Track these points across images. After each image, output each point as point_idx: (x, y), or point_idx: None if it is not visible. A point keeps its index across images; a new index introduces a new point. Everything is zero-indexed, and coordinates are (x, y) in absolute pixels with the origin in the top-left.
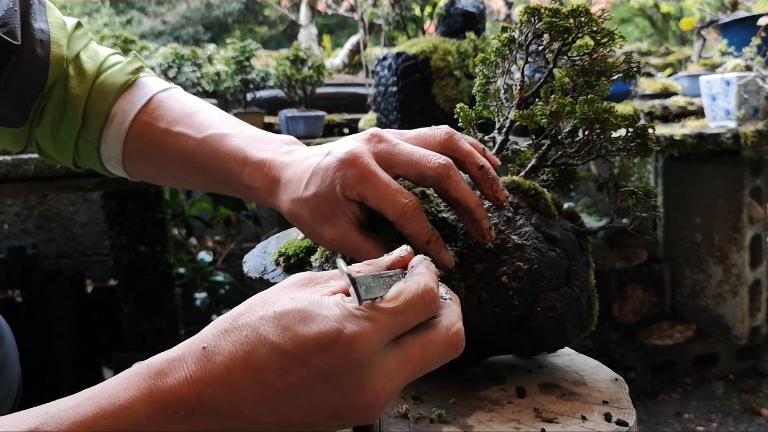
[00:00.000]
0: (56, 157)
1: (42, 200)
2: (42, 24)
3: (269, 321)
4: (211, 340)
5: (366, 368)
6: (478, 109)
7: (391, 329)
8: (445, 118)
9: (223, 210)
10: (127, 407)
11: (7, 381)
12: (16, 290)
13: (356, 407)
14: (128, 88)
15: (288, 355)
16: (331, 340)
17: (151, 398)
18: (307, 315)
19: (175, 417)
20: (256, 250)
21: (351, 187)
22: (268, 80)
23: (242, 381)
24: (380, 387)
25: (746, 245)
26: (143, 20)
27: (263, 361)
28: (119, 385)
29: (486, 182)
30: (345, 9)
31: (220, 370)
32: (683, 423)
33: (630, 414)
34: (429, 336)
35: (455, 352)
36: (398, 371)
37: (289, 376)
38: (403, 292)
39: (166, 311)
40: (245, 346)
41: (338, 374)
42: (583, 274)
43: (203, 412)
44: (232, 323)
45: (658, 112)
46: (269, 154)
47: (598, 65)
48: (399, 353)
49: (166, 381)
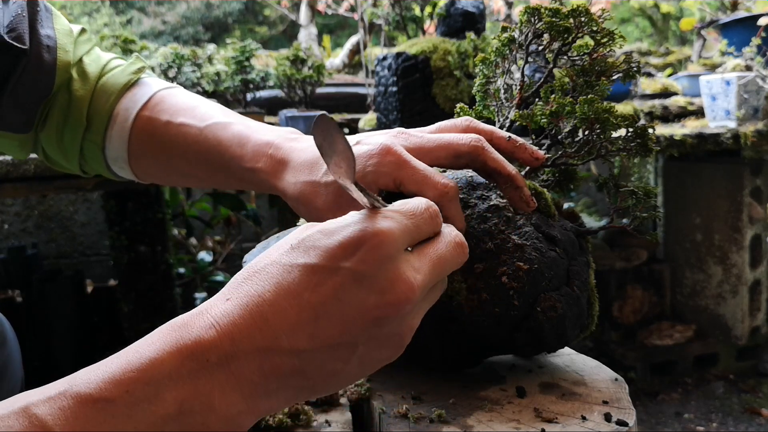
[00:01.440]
0: (63, 163)
1: (42, 200)
2: (49, 30)
3: (289, 251)
4: (233, 290)
5: (395, 262)
6: (478, 109)
7: (407, 230)
8: (445, 118)
9: (223, 210)
10: (155, 359)
11: (10, 382)
12: (16, 290)
13: (393, 304)
14: (130, 87)
15: (318, 270)
16: (358, 241)
17: (179, 349)
18: (327, 231)
19: (208, 365)
20: (255, 249)
21: (388, 174)
22: (268, 80)
23: (275, 311)
24: (412, 278)
25: (746, 245)
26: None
27: (294, 284)
28: (145, 342)
29: (519, 149)
30: (345, 9)
31: (250, 309)
32: (683, 423)
33: (630, 414)
34: (439, 239)
35: (463, 253)
36: (421, 268)
37: (322, 290)
38: (410, 202)
39: (166, 311)
40: (272, 279)
41: (370, 273)
42: (583, 274)
43: (238, 355)
44: (252, 270)
45: (658, 112)
46: (273, 137)
47: (598, 65)
48: (418, 253)
49: (191, 331)
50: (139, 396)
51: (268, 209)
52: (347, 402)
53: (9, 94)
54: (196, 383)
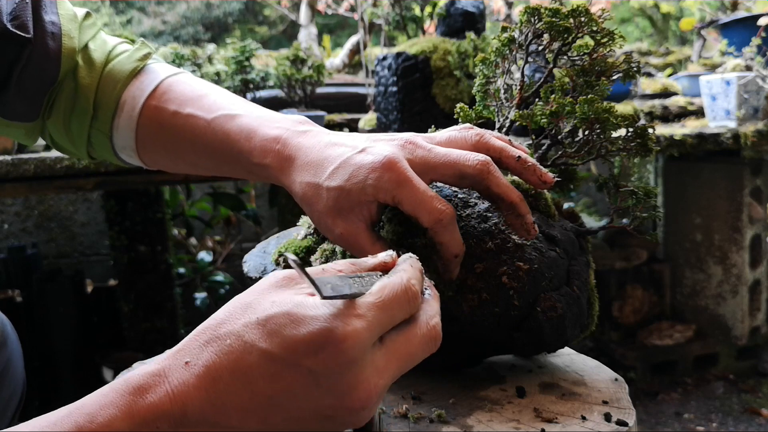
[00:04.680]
0: (70, 149)
1: (42, 200)
2: (53, 16)
3: (253, 327)
4: (193, 353)
5: (358, 367)
6: (478, 109)
7: (379, 325)
8: (445, 118)
9: (223, 210)
10: (105, 425)
11: (12, 382)
12: (16, 290)
13: (349, 408)
14: (136, 74)
15: (277, 360)
16: (323, 340)
17: (131, 415)
18: (294, 317)
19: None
20: (256, 250)
21: (387, 191)
22: (268, 80)
23: (229, 390)
24: (372, 385)
25: (746, 245)
26: (143, 20)
27: (251, 368)
28: (97, 403)
29: (528, 170)
30: (345, 9)
31: (206, 382)
32: (683, 423)
33: (630, 414)
34: (411, 331)
35: (434, 345)
36: (386, 368)
37: (279, 382)
38: (387, 286)
39: (166, 311)
40: (230, 354)
41: (331, 375)
42: (583, 274)
43: (188, 424)
44: (214, 333)
45: (658, 112)
46: (282, 131)
47: (598, 65)
48: (386, 350)
49: (146, 397)
50: None
51: (268, 209)
52: None
53: (14, 84)
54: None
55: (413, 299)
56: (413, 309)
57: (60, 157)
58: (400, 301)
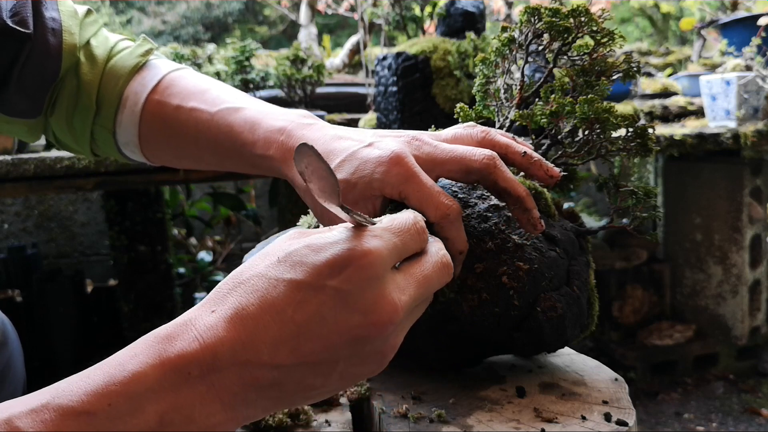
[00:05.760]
0: (73, 146)
1: (42, 200)
2: (54, 12)
3: (276, 265)
4: (218, 301)
5: (381, 283)
6: (478, 109)
7: (395, 248)
8: (445, 118)
9: (223, 210)
10: (136, 373)
11: (12, 382)
12: (16, 290)
13: (377, 324)
14: (139, 70)
15: (303, 287)
16: (346, 260)
17: (161, 362)
18: (314, 247)
19: (189, 378)
20: (255, 249)
21: (394, 185)
22: (268, 80)
23: (258, 326)
24: (396, 299)
25: (746, 245)
26: (143, 20)
27: (279, 299)
28: (127, 354)
29: (534, 165)
30: (345, 9)
31: (233, 323)
32: (683, 423)
33: (630, 414)
34: (425, 258)
35: (448, 274)
36: (407, 287)
37: (307, 307)
38: (397, 218)
39: (166, 311)
40: (256, 292)
41: (355, 292)
42: (583, 274)
43: (219, 368)
44: (237, 280)
45: (658, 112)
46: (286, 123)
47: (598, 65)
48: (404, 273)
49: (175, 345)
50: (122, 409)
51: (268, 209)
52: (347, 402)
53: (15, 80)
54: (177, 396)
55: (422, 232)
56: (423, 243)
57: (60, 157)
58: (410, 231)
